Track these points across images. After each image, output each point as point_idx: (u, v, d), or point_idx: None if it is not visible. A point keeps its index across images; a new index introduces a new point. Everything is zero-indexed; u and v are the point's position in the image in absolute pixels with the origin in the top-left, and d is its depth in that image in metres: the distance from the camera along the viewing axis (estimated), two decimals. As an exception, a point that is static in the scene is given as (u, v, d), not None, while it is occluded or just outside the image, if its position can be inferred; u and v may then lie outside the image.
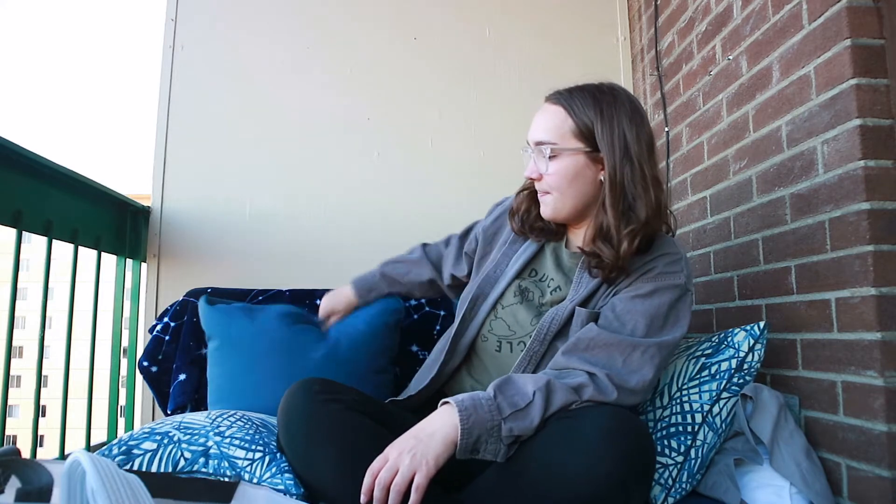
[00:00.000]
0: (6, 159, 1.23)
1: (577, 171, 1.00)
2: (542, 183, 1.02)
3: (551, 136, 1.00)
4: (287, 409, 0.93)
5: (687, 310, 1.00)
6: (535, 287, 1.09)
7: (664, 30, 1.81)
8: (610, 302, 1.00)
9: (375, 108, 1.89)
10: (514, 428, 0.84)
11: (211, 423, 1.07)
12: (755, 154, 1.35)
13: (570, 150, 0.99)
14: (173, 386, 1.45)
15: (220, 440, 1.02)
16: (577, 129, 0.99)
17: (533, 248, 1.11)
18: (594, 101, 0.99)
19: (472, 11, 1.98)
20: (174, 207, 1.77)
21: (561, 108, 1.01)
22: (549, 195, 1.03)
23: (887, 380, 1.00)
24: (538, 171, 1.02)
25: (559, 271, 1.08)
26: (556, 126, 1.00)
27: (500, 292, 1.09)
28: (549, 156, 1.00)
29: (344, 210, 1.83)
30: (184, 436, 1.03)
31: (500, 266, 1.13)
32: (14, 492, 0.57)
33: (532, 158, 1.03)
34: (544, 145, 1.00)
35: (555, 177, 1.00)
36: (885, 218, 1.03)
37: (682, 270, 1.00)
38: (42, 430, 2.14)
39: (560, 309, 1.02)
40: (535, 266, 1.11)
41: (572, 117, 0.99)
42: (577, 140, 0.99)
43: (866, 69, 1.05)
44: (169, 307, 1.54)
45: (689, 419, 1.06)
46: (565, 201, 1.02)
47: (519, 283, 1.10)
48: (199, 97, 1.83)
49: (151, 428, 1.07)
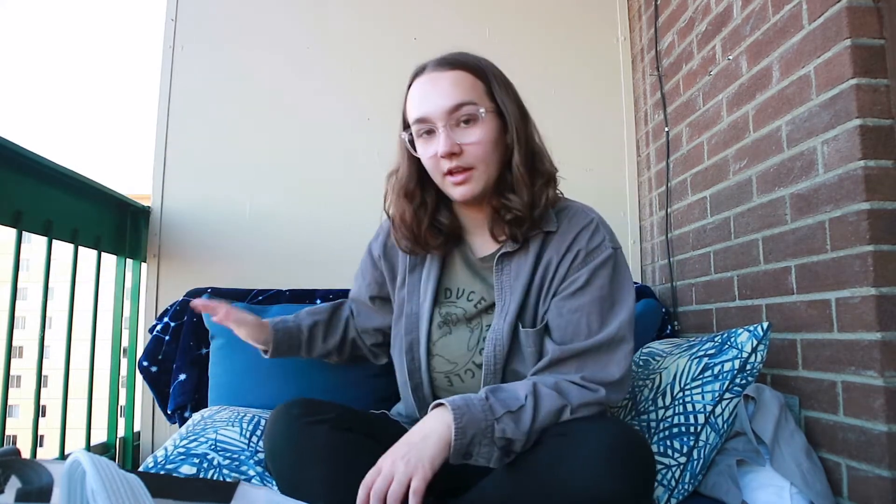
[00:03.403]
0: (6, 159, 1.22)
1: (497, 135, 0.92)
2: (462, 158, 0.90)
3: (469, 97, 0.90)
4: (271, 435, 0.89)
5: (625, 270, 0.96)
6: (456, 308, 1.00)
7: (664, 30, 1.81)
8: (552, 306, 0.94)
9: (375, 108, 1.88)
10: (506, 430, 0.80)
11: (248, 445, 1.09)
12: (755, 154, 1.35)
13: (490, 111, 0.91)
14: (173, 386, 1.45)
15: (262, 471, 1.03)
16: (487, 91, 0.92)
17: (436, 265, 1.01)
18: (479, 62, 0.94)
19: (472, 11, 1.97)
20: (174, 207, 1.77)
21: (463, 72, 0.92)
22: (473, 170, 0.90)
23: (887, 380, 1.00)
24: (457, 144, 0.89)
25: (474, 278, 1.00)
26: (469, 88, 0.90)
27: (427, 331, 0.99)
28: (466, 123, 0.89)
29: (344, 210, 1.83)
30: (223, 459, 1.04)
31: (412, 302, 1.02)
32: (14, 492, 0.57)
33: (442, 131, 0.89)
34: (462, 108, 0.89)
35: (480, 146, 0.90)
36: (885, 218, 1.02)
37: (604, 238, 0.95)
38: (42, 430, 2.14)
39: (498, 332, 0.94)
40: (447, 285, 1.02)
41: (480, 79, 0.92)
42: (490, 101, 0.92)
43: (866, 69, 1.05)
44: (169, 307, 1.54)
45: (691, 420, 1.06)
46: (490, 172, 0.92)
47: (438, 311, 1.01)
48: (199, 97, 1.83)
49: (186, 448, 1.07)
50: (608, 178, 1.96)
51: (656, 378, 1.17)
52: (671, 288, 1.72)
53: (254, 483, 1.01)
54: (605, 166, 1.96)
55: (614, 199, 1.95)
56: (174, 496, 0.68)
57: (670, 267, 1.73)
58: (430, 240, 0.98)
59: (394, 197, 1.00)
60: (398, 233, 1.00)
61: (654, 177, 1.87)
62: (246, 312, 1.12)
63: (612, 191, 1.96)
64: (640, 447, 0.79)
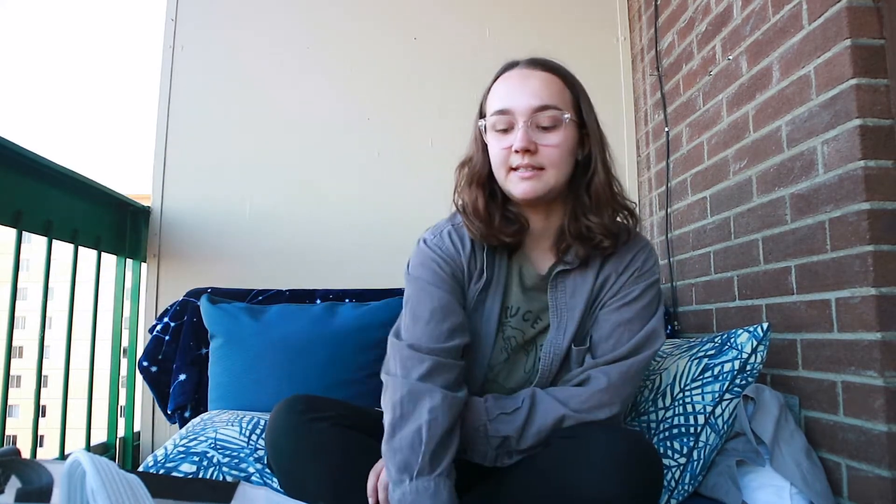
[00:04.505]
0: (6, 159, 1.23)
1: (574, 145, 0.92)
2: (536, 157, 0.88)
3: (556, 101, 0.90)
4: (273, 430, 0.91)
5: (660, 296, 0.99)
6: (514, 330, 0.97)
7: (664, 30, 1.81)
8: (599, 316, 0.94)
9: (375, 108, 1.88)
10: (500, 429, 0.86)
11: (247, 443, 1.09)
12: (755, 154, 1.35)
13: (573, 121, 0.91)
14: (173, 386, 1.45)
15: (262, 468, 1.04)
16: (574, 101, 0.93)
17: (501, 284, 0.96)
18: (570, 74, 0.95)
19: (472, 11, 1.98)
20: (174, 207, 1.77)
21: (555, 77, 0.92)
22: (542, 171, 0.89)
23: (887, 380, 0.99)
24: (534, 142, 0.88)
25: (529, 294, 0.97)
26: (558, 93, 0.91)
27: (488, 359, 0.95)
28: (546, 126, 0.89)
29: (344, 210, 1.83)
30: (223, 457, 1.05)
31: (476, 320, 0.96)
32: (14, 492, 0.57)
33: (521, 128, 0.88)
34: (548, 111, 0.88)
35: (556, 149, 0.89)
36: (885, 218, 1.02)
37: (656, 262, 0.99)
38: (42, 430, 2.15)
39: (557, 347, 0.94)
40: (506, 303, 0.97)
41: (569, 88, 0.93)
42: (573, 112, 0.92)
43: (866, 69, 1.05)
44: (169, 307, 1.54)
45: (691, 420, 1.06)
46: (559, 178, 0.91)
47: (501, 335, 0.97)
48: (199, 97, 1.83)
49: (186, 447, 1.07)
50: (608, 178, 1.96)
51: (656, 379, 1.17)
52: (671, 288, 1.72)
53: (254, 482, 1.01)
54: (605, 166, 1.96)
55: (614, 199, 1.95)
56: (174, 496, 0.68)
57: (670, 267, 1.73)
58: (503, 228, 0.93)
59: (465, 186, 0.98)
60: (470, 221, 0.95)
61: (654, 177, 1.87)
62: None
63: (612, 191, 1.96)
64: (648, 453, 0.80)
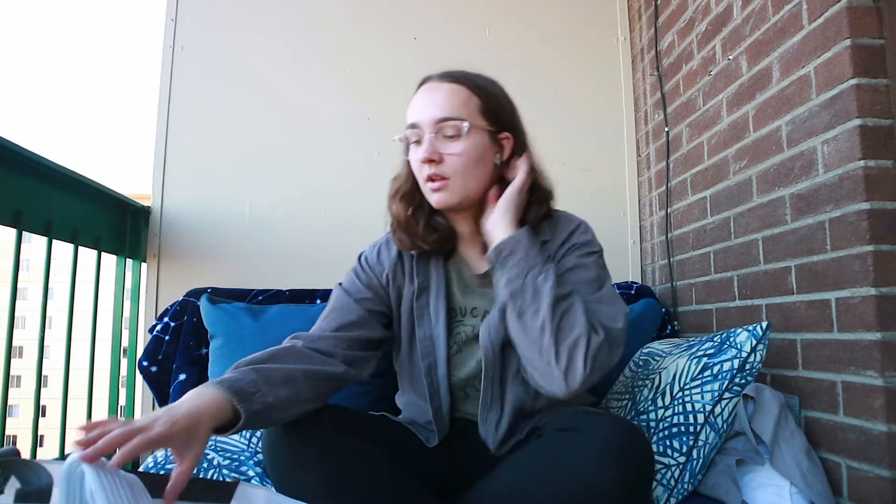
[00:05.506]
0: (6, 159, 1.22)
1: (483, 151, 0.95)
2: (441, 167, 0.93)
3: (459, 112, 0.93)
4: (268, 435, 0.89)
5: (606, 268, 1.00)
6: (465, 325, 1.01)
7: (664, 30, 1.81)
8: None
9: (375, 108, 1.88)
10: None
11: (248, 446, 1.09)
12: (755, 154, 1.35)
13: (478, 128, 0.94)
14: (173, 386, 1.45)
15: (262, 472, 1.04)
16: (483, 109, 0.95)
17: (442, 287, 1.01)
18: (480, 81, 0.98)
19: (472, 11, 1.97)
20: (174, 207, 1.77)
21: (462, 87, 0.96)
22: (446, 181, 0.93)
23: (887, 380, 1.00)
24: (438, 152, 0.92)
25: (474, 294, 1.01)
26: (461, 103, 0.94)
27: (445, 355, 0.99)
28: (450, 135, 0.93)
29: (344, 210, 1.83)
30: (223, 459, 1.05)
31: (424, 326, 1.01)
32: (14, 492, 0.57)
33: (427, 140, 0.93)
34: (449, 122, 0.92)
35: (460, 158, 0.93)
36: (885, 218, 1.03)
37: (593, 237, 1.01)
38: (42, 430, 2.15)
39: (492, 319, 0.94)
40: (452, 305, 1.02)
41: (478, 96, 0.96)
42: (482, 119, 0.95)
43: (866, 69, 1.05)
44: (169, 307, 1.54)
45: (691, 419, 1.06)
46: (468, 185, 0.94)
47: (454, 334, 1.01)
48: (199, 97, 1.83)
49: None
50: (608, 178, 1.95)
51: (656, 378, 1.17)
52: (671, 288, 1.72)
53: (253, 483, 1.01)
54: (605, 166, 1.96)
55: (614, 199, 1.95)
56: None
57: (670, 267, 1.73)
58: (426, 236, 1.00)
59: (391, 199, 1.04)
60: (393, 232, 1.03)
61: (654, 177, 1.87)
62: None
63: (612, 191, 1.96)
64: (638, 441, 0.80)
